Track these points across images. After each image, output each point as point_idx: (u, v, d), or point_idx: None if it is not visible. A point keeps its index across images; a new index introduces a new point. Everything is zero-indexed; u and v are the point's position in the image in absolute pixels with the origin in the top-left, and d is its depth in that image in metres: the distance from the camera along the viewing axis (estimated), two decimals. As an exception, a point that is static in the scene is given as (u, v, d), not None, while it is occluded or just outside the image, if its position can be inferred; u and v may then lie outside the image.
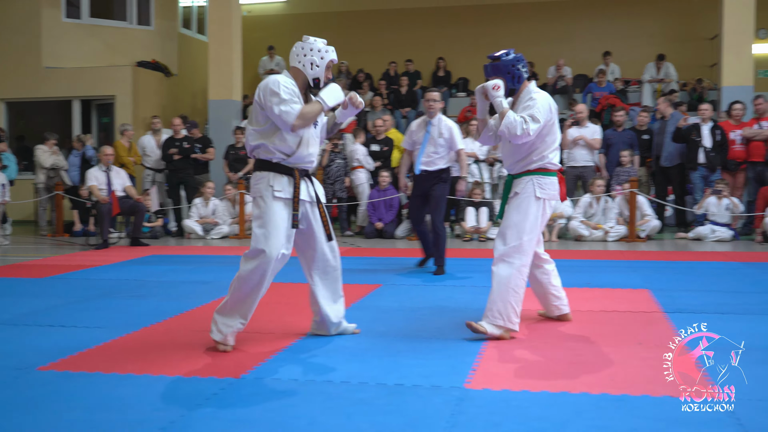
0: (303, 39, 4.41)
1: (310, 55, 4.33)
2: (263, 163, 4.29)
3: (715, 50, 15.07)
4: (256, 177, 4.32)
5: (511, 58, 4.82)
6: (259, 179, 4.29)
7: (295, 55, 4.35)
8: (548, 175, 4.64)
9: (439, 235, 7.25)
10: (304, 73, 4.33)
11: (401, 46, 17.16)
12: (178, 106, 15.41)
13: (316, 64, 4.33)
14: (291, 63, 4.38)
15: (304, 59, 4.32)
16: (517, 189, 4.63)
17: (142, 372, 3.81)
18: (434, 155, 7.16)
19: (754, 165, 10.59)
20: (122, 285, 6.77)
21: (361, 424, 3.06)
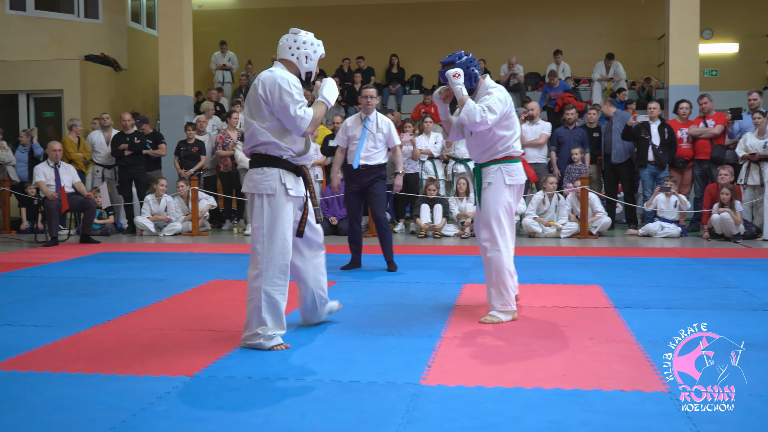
0: (292, 32, 4.40)
1: (304, 48, 4.35)
2: (271, 159, 4.23)
3: (662, 50, 15.38)
4: (263, 173, 4.21)
5: (465, 60, 4.98)
6: (268, 176, 4.20)
7: (287, 48, 4.34)
8: (513, 162, 4.98)
9: (386, 231, 7.30)
10: (297, 67, 4.34)
11: (354, 42, 17.14)
12: (128, 102, 15.18)
13: (310, 58, 4.37)
14: (282, 55, 4.36)
15: (298, 52, 4.33)
16: (489, 179, 4.94)
17: (93, 371, 3.75)
18: (373, 150, 7.23)
19: (701, 163, 10.82)
20: (72, 283, 6.65)
21: (316, 421, 3.05)
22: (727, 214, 9.59)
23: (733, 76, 16.52)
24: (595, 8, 17.38)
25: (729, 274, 6.75)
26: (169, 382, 3.56)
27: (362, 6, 17.72)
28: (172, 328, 4.77)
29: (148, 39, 16.64)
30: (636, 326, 4.66)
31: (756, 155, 9.77)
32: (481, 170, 5.03)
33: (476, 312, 5.20)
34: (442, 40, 17.37)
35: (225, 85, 16.18)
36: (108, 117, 12.14)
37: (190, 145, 11.77)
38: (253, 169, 4.27)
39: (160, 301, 5.69)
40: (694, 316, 4.95)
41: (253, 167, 4.28)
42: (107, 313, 5.22)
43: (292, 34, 4.40)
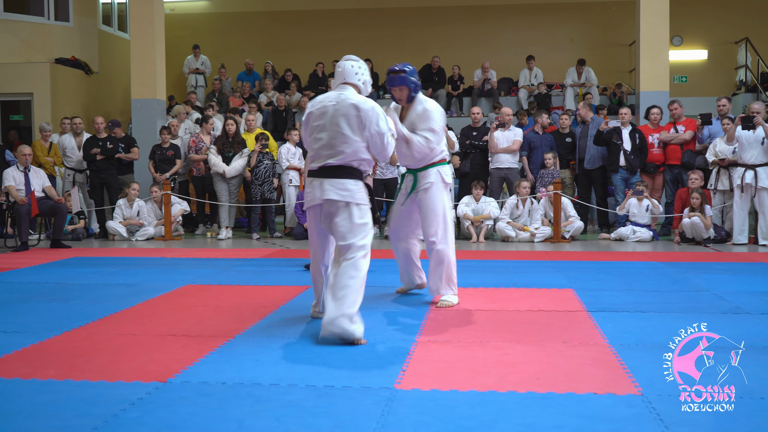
0: (353, 58, 4.89)
1: (365, 75, 4.85)
2: (359, 173, 4.67)
3: (633, 56, 15.56)
4: (357, 185, 4.61)
5: (411, 69, 5.52)
6: (360, 188, 4.63)
7: (354, 74, 4.80)
8: (445, 164, 5.64)
9: None
10: (361, 91, 4.80)
11: (328, 46, 17.14)
12: (100, 105, 15.06)
13: (369, 84, 4.88)
14: (349, 80, 4.78)
15: (363, 78, 4.83)
16: (430, 179, 5.52)
17: (64, 377, 3.71)
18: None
19: (672, 168, 10.95)
20: (42, 288, 6.57)
21: (290, 426, 3.04)
22: (698, 219, 9.71)
23: (702, 83, 16.74)
24: (568, 14, 17.55)
25: (699, 278, 6.83)
26: (141, 388, 3.53)
27: (336, 11, 17.72)
28: (145, 333, 4.73)
29: (120, 42, 16.52)
30: (608, 329, 4.69)
31: (725, 161, 9.91)
32: (417, 174, 5.57)
33: (451, 316, 5.21)
34: (416, 45, 17.43)
35: (198, 89, 16.09)
36: (80, 122, 12.02)
37: (165, 149, 11.69)
38: (349, 180, 4.60)
39: (133, 306, 5.64)
40: (665, 319, 5.01)
41: (346, 178, 4.59)
42: (79, 318, 5.16)
43: (355, 60, 4.87)
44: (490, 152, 11.30)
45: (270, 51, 17.19)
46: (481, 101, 15.45)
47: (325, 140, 4.63)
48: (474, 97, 15.68)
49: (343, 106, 4.60)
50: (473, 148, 11.41)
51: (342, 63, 4.85)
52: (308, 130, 4.76)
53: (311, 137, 4.73)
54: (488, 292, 6.16)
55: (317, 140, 4.67)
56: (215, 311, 5.43)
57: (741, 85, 16.29)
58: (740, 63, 16.61)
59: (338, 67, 4.87)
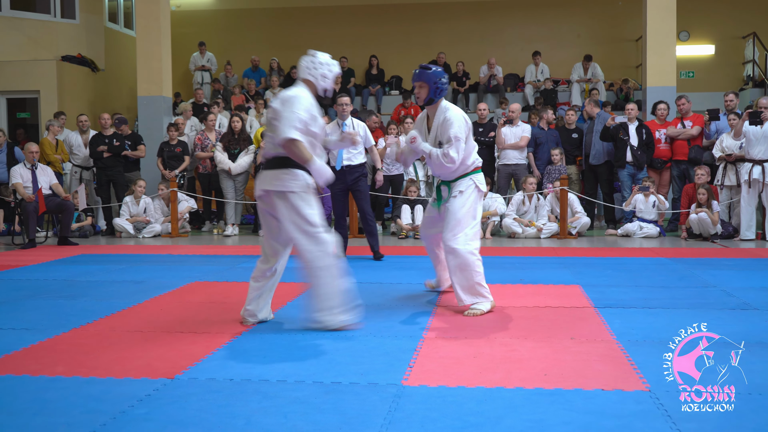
0: (310, 53, 4.91)
1: (321, 68, 4.85)
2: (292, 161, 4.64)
3: (639, 51, 15.51)
4: (291, 174, 4.63)
5: (439, 71, 5.38)
6: (296, 176, 4.64)
7: (306, 69, 4.84)
8: (479, 172, 5.50)
9: (372, 224, 8.14)
10: (315, 85, 4.83)
11: (334, 43, 17.10)
12: (106, 102, 15.07)
13: (326, 77, 4.87)
14: (302, 75, 4.85)
15: (315, 72, 4.83)
16: (461, 188, 5.36)
17: (72, 374, 3.72)
18: (353, 151, 8.01)
19: (679, 163, 10.91)
20: (50, 285, 6.59)
21: (298, 422, 3.04)
22: (705, 214, 9.68)
23: (709, 78, 16.68)
24: (574, 10, 17.49)
25: (707, 274, 6.81)
26: (149, 385, 3.53)
27: (341, 7, 17.71)
28: (152, 330, 4.74)
29: (126, 39, 16.53)
30: (616, 326, 4.69)
31: (732, 156, 9.87)
32: (451, 185, 5.43)
33: (458, 313, 5.21)
34: (421, 41, 17.41)
35: (204, 86, 16.11)
36: (87, 119, 12.04)
37: (173, 146, 11.70)
38: (279, 170, 4.64)
39: (140, 303, 5.65)
40: (673, 316, 5.00)
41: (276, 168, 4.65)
42: (86, 315, 5.17)
43: (310, 55, 4.89)
44: (497, 148, 11.29)
45: (275, 48, 17.17)
46: (487, 97, 15.43)
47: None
48: (480, 93, 15.65)
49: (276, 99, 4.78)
50: (480, 144, 11.37)
51: (300, 60, 4.93)
52: None
53: None
54: (495, 289, 6.14)
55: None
56: (222, 308, 5.44)
57: (748, 80, 16.22)
58: (747, 58, 16.54)
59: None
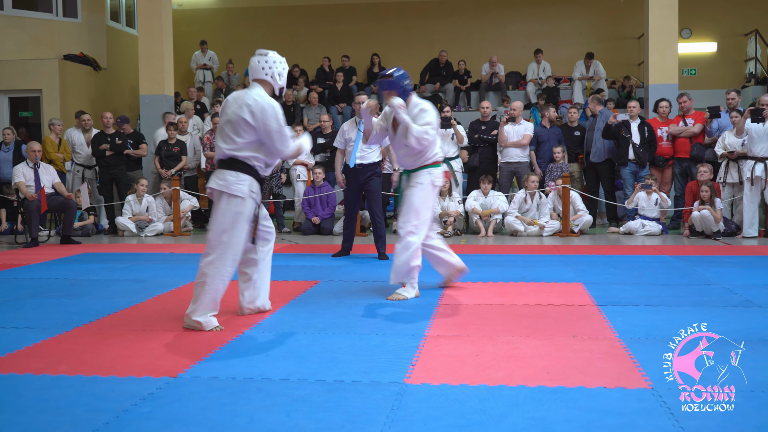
0: (260, 53, 4.89)
1: (275, 66, 4.87)
2: (246, 167, 4.71)
3: (641, 49, 15.50)
4: (238, 177, 4.69)
5: (401, 74, 5.72)
6: (241, 180, 4.69)
7: (260, 69, 4.83)
8: (438, 167, 5.78)
9: (380, 227, 8.10)
10: (272, 84, 4.85)
11: (335, 41, 17.13)
12: (108, 101, 15.08)
13: (281, 75, 4.90)
14: (255, 75, 4.83)
15: (270, 71, 4.84)
16: (418, 180, 5.71)
17: (75, 373, 3.72)
18: (367, 150, 7.93)
19: (681, 161, 10.91)
20: (53, 284, 6.60)
21: (301, 421, 3.04)
22: (708, 212, 9.67)
23: (711, 75, 16.66)
24: (576, 7, 17.47)
25: (709, 271, 6.81)
26: (152, 383, 3.54)
27: (343, 5, 17.70)
28: (155, 329, 4.75)
29: (128, 38, 16.54)
30: (618, 323, 4.69)
31: (734, 153, 9.86)
32: (411, 174, 5.79)
33: (460, 311, 5.21)
34: (423, 39, 17.40)
35: (206, 84, 16.11)
36: (89, 118, 12.05)
37: (171, 145, 11.71)
38: (227, 171, 4.71)
39: (143, 301, 5.66)
40: (675, 313, 5.00)
41: (226, 168, 4.72)
42: (89, 314, 5.18)
43: (261, 55, 4.89)
44: (499, 146, 11.28)
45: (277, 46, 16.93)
46: (488, 95, 15.41)
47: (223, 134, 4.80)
48: (482, 91, 15.64)
49: (232, 108, 4.73)
50: (482, 142, 11.39)
51: (251, 59, 4.93)
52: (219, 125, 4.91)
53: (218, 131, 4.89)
54: (497, 287, 6.16)
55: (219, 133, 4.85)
56: (224, 306, 5.43)
57: (750, 77, 16.21)
58: (750, 55, 16.52)
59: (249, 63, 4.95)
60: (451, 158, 11.14)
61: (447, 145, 11.11)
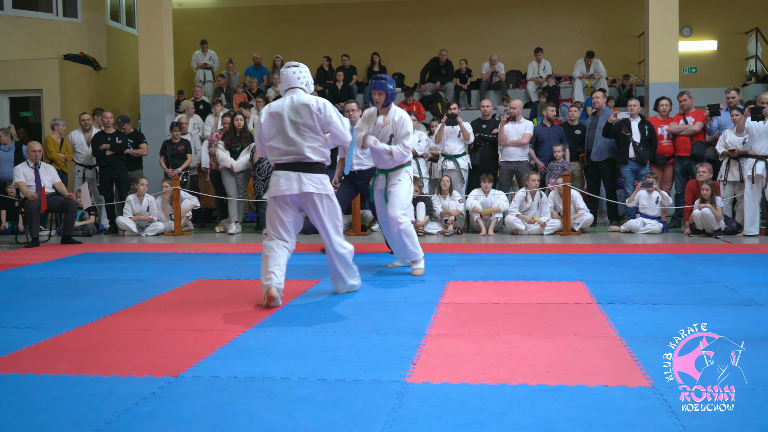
0: (293, 64, 5.49)
1: (307, 76, 5.51)
2: (323, 166, 5.47)
3: (642, 47, 15.49)
4: (323, 178, 5.44)
5: (391, 80, 6.67)
6: (325, 179, 5.46)
7: (297, 78, 5.45)
8: (410, 165, 6.83)
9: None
10: (306, 92, 5.47)
11: (335, 40, 17.13)
12: (109, 101, 15.09)
13: (311, 84, 5.56)
14: (293, 84, 5.44)
15: (305, 80, 5.49)
16: (399, 177, 6.69)
17: (77, 372, 3.73)
18: (362, 156, 7.98)
19: (681, 159, 10.91)
20: (54, 284, 6.60)
21: (302, 420, 3.04)
22: (708, 210, 9.67)
23: (712, 74, 16.66)
24: (576, 6, 17.47)
25: (710, 270, 6.81)
26: (153, 383, 3.54)
27: (343, 4, 17.70)
28: (156, 328, 4.75)
29: (128, 38, 16.54)
30: (619, 322, 4.69)
31: (735, 152, 9.86)
32: (389, 173, 6.72)
33: (461, 309, 5.21)
34: (423, 38, 17.40)
35: (206, 83, 16.12)
36: (89, 118, 12.05)
37: (175, 144, 11.72)
38: (322, 175, 5.44)
39: (144, 301, 5.66)
40: (676, 312, 5.00)
41: (318, 173, 5.41)
42: (90, 314, 5.18)
43: (294, 66, 5.48)
44: (499, 145, 11.28)
45: (277, 45, 17.18)
46: (489, 94, 15.41)
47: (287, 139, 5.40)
48: (482, 89, 15.64)
49: (302, 110, 5.33)
50: (483, 141, 11.40)
51: (284, 70, 5.51)
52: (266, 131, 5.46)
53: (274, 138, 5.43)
54: (498, 285, 6.16)
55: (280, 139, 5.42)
56: (226, 306, 5.45)
57: (751, 75, 16.20)
58: (750, 53, 16.51)
59: (282, 74, 5.54)
60: (457, 155, 11.17)
61: (453, 142, 11.14)
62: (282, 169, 5.41)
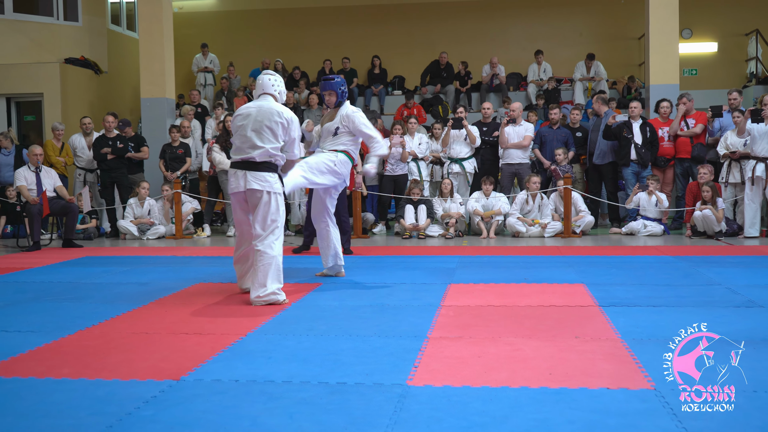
0: (269, 73, 5.86)
1: (280, 86, 5.85)
2: (275, 167, 5.67)
3: (642, 49, 15.50)
4: (273, 177, 5.60)
5: (341, 80, 6.74)
6: (276, 179, 5.64)
7: (271, 85, 5.79)
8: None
9: (346, 222, 8.69)
10: (278, 100, 5.81)
11: (336, 43, 17.14)
12: (109, 105, 15.09)
13: (283, 94, 5.89)
14: (267, 90, 5.77)
15: (279, 88, 5.84)
16: None
17: (78, 376, 3.73)
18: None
19: (682, 161, 10.90)
20: (55, 287, 6.60)
21: (304, 423, 3.05)
22: (709, 212, 9.67)
23: (712, 75, 16.66)
24: (576, 8, 17.48)
25: (712, 272, 6.80)
26: (155, 386, 3.54)
27: (343, 7, 17.71)
28: (157, 332, 4.75)
29: (129, 41, 16.56)
30: (621, 324, 4.68)
31: (737, 153, 9.86)
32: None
33: (462, 312, 5.21)
34: (423, 41, 17.41)
35: (207, 87, 16.13)
36: (90, 121, 12.06)
37: (175, 147, 11.72)
38: (267, 173, 5.59)
39: (145, 305, 5.66)
40: (678, 314, 5.00)
41: (265, 171, 5.58)
42: (91, 317, 5.18)
43: (270, 74, 5.86)
44: (500, 147, 11.29)
45: (278, 49, 17.20)
46: (489, 96, 15.40)
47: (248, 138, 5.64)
48: (482, 92, 15.64)
49: (267, 114, 5.61)
50: (483, 144, 11.41)
51: (261, 77, 5.84)
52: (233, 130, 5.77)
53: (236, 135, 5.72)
54: (499, 288, 6.16)
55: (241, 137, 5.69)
56: (227, 309, 5.45)
57: (752, 77, 16.20)
58: (751, 55, 16.52)
59: (258, 80, 5.86)
60: (463, 159, 11.18)
61: (459, 145, 11.15)
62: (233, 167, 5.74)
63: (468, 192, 11.16)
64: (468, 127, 11.05)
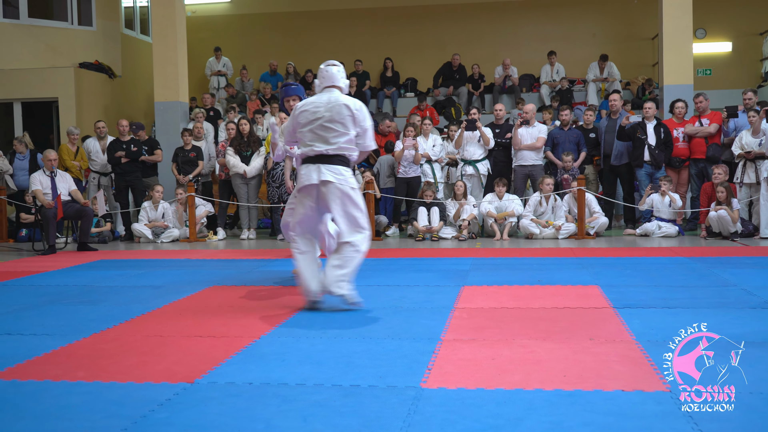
0: (331, 62, 5.59)
1: (344, 76, 5.61)
2: (348, 161, 5.47)
3: (656, 50, 15.42)
4: (347, 171, 5.41)
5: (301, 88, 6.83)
6: (351, 173, 5.46)
7: (340, 78, 5.56)
8: None
9: None
10: (344, 92, 5.59)
11: (348, 46, 17.16)
12: (123, 109, 15.18)
13: (347, 87, 5.66)
14: (335, 83, 5.52)
15: (346, 82, 5.62)
16: None
17: (93, 379, 3.74)
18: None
19: (697, 162, 10.84)
20: (70, 291, 6.64)
21: (317, 426, 3.05)
22: (725, 212, 9.61)
23: (727, 75, 16.56)
24: (589, 9, 17.42)
25: (727, 273, 6.76)
26: (169, 389, 3.55)
27: (356, 10, 17.73)
28: (172, 334, 4.77)
29: (143, 46, 16.64)
30: (635, 326, 4.66)
31: (752, 153, 9.80)
32: None
33: (476, 314, 5.20)
34: (435, 42, 17.40)
35: (220, 90, 16.18)
36: (104, 125, 12.12)
37: (187, 151, 11.76)
38: (341, 167, 5.39)
39: (159, 308, 5.68)
40: (693, 315, 4.96)
41: (339, 164, 5.39)
42: (106, 320, 5.21)
43: (334, 64, 5.59)
44: (513, 149, 11.27)
45: (291, 51, 17.24)
46: (502, 98, 15.38)
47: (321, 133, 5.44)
48: (495, 94, 15.61)
49: (337, 107, 5.40)
50: (496, 145, 11.39)
51: (326, 68, 5.59)
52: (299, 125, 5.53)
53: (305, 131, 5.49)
54: (513, 290, 6.14)
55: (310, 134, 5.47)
56: (240, 312, 5.46)
57: (766, 77, 16.10)
58: (765, 54, 16.42)
59: (322, 71, 5.59)
60: (477, 161, 11.17)
61: (473, 147, 11.15)
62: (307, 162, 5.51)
63: (481, 194, 11.14)
64: (482, 128, 11.05)
